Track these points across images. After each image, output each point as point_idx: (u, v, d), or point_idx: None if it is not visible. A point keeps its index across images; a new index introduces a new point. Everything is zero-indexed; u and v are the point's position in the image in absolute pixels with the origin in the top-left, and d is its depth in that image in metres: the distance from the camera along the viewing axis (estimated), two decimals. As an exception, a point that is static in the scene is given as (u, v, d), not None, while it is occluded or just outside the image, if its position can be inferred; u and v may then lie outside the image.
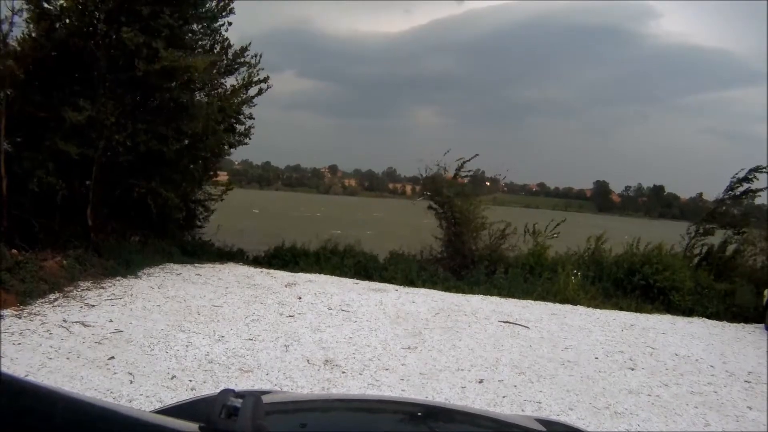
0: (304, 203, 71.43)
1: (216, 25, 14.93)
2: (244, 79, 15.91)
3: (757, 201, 17.08)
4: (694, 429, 6.71)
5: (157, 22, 12.42)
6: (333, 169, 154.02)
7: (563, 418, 6.12)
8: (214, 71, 14.68)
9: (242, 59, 15.81)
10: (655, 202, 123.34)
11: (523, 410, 6.74)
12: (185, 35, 13.51)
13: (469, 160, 17.32)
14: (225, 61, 15.62)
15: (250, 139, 16.70)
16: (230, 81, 16.12)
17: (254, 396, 1.01)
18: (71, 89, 12.58)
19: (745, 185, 16.70)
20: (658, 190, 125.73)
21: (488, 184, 19.78)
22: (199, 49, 14.41)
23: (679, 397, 7.76)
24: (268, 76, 16.19)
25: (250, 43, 15.96)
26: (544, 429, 2.37)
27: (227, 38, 15.45)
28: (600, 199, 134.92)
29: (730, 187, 16.93)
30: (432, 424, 2.26)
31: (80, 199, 13.32)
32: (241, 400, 1.00)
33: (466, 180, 17.61)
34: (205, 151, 15.20)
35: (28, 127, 12.64)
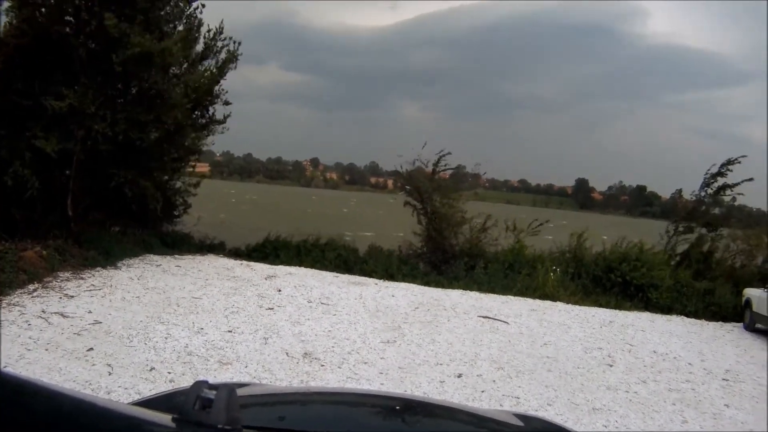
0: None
1: (189, 8, 14.69)
2: (220, 63, 15.60)
3: (740, 200, 17.25)
4: (671, 426, 6.76)
5: (133, 6, 12.28)
6: (314, 162, 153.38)
7: (541, 414, 6.14)
8: (188, 54, 14.43)
9: (217, 41, 15.45)
10: (637, 201, 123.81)
11: (501, 405, 6.77)
12: (158, 19, 13.30)
13: (447, 154, 17.28)
14: (199, 45, 15.28)
15: (225, 123, 16.30)
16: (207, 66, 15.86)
17: (228, 387, 1.00)
18: (52, 78, 12.42)
19: (720, 180, 16.85)
20: (640, 190, 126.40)
21: (469, 180, 19.69)
22: (173, 34, 14.14)
23: (657, 394, 7.83)
24: (237, 48, 15.73)
25: (222, 21, 15.54)
26: (522, 424, 2.38)
27: (201, 20, 15.10)
28: (581, 196, 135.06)
29: (706, 183, 17.07)
30: (410, 418, 2.26)
31: (60, 189, 13.18)
32: (215, 392, 0.99)
33: (446, 175, 17.59)
34: (184, 140, 14.93)
35: (7, 117, 12.46)
